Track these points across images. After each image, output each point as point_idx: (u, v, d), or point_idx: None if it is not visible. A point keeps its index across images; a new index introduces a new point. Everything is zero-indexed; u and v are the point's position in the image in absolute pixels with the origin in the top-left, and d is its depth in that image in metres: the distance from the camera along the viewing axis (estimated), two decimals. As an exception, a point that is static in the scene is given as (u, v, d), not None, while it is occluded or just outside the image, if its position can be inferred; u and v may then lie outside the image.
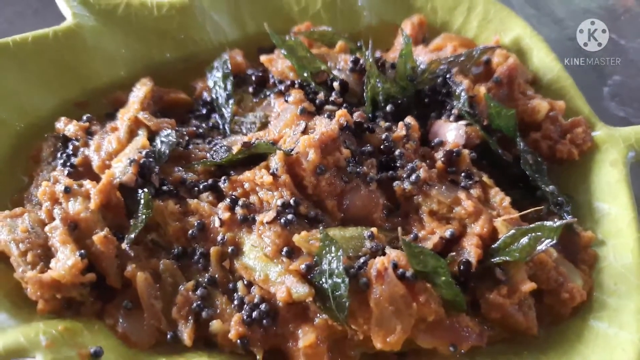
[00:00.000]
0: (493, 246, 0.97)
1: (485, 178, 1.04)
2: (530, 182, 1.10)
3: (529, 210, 0.99)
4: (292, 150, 0.99)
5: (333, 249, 0.88)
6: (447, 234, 0.97)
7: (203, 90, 1.20)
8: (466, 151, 1.05)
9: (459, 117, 1.11)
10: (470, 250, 0.95)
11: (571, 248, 1.06)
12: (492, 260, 0.96)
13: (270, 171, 0.98)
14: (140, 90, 1.12)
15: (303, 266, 0.89)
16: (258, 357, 0.89)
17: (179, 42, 1.24)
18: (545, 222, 0.94)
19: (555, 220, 0.95)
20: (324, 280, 0.88)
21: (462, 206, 0.99)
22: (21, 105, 1.09)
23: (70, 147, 1.06)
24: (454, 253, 0.95)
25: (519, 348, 0.96)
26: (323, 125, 1.01)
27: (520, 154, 1.10)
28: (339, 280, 0.87)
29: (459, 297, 0.91)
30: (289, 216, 0.94)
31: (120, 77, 1.19)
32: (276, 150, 0.98)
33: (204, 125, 1.15)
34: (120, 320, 0.91)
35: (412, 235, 0.98)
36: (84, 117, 1.10)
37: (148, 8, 1.21)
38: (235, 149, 1.01)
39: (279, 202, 0.95)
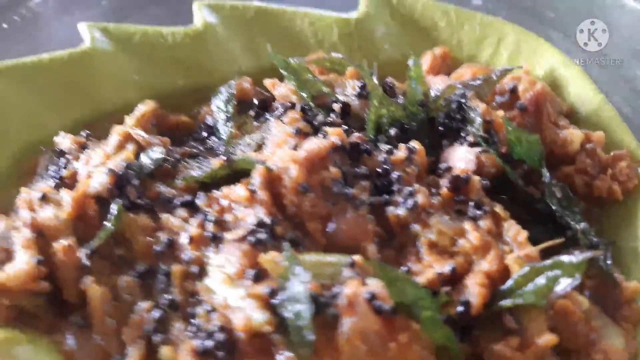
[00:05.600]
0: (503, 287, 0.81)
1: (498, 209, 0.89)
2: (558, 219, 0.93)
3: (547, 244, 0.82)
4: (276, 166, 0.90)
5: (297, 270, 0.76)
6: (447, 269, 0.82)
7: (207, 114, 1.17)
8: (477, 178, 0.91)
9: (474, 144, 0.99)
10: (474, 289, 0.80)
11: (611, 301, 0.87)
12: (501, 303, 0.79)
13: (250, 187, 0.90)
14: (139, 110, 1.11)
15: (267, 290, 0.78)
16: (208, 394, 0.76)
17: (191, 70, 1.23)
18: (563, 256, 0.77)
19: (577, 253, 0.77)
20: (289, 308, 0.76)
21: (467, 238, 0.85)
22: (29, 121, 1.11)
23: (63, 161, 1.05)
24: (448, 288, 0.80)
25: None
26: (313, 143, 0.93)
27: (545, 186, 0.95)
28: (302, 307, 0.74)
29: (451, 341, 0.75)
30: (261, 235, 0.84)
31: (130, 102, 1.18)
32: (256, 165, 0.91)
33: (200, 147, 1.11)
34: (68, 337, 0.83)
35: (404, 269, 0.84)
36: (82, 133, 1.09)
37: (163, 36, 1.23)
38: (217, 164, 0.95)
39: (253, 220, 0.86)
